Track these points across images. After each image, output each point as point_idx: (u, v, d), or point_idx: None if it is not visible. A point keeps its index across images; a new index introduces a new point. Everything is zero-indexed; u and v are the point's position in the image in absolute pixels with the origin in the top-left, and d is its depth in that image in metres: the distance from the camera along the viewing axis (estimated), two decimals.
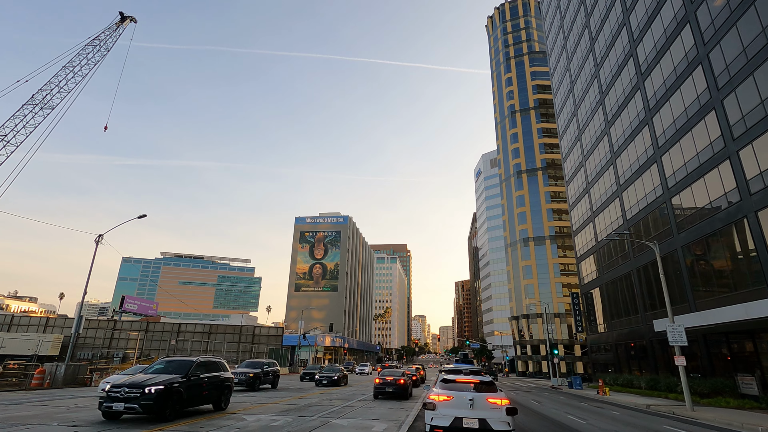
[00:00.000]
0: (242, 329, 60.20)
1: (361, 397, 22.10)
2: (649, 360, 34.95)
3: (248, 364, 24.76)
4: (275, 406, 16.59)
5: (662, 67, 32.71)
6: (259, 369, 24.19)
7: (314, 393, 22.59)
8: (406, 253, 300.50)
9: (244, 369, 23.90)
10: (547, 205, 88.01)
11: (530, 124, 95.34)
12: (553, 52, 63.46)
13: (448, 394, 9.94)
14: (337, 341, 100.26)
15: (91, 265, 25.72)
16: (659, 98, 33.18)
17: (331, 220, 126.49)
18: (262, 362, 25.03)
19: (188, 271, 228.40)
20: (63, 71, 45.50)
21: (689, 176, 29.15)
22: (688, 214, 29.45)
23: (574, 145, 53.96)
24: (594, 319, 47.77)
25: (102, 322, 59.62)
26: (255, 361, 25.13)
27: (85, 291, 25.19)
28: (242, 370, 23.68)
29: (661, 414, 20.26)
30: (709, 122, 27.08)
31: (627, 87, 38.73)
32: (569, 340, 74.80)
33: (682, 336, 21.31)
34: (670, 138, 31.65)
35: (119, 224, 26.02)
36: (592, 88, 47.30)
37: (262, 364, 24.79)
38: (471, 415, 9.46)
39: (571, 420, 16.23)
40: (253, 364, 24.58)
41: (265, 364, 24.91)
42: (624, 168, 39.57)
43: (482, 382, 10.46)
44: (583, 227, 50.64)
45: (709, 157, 26.89)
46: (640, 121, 36.20)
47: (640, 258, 36.34)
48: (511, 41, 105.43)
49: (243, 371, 23.38)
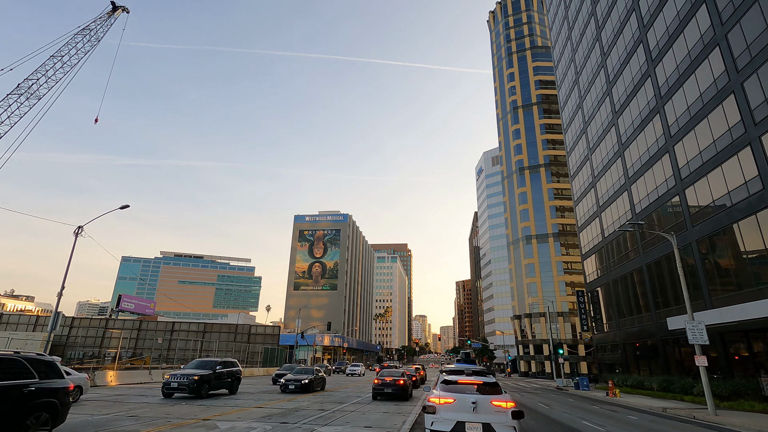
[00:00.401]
0: (237, 328, 58.72)
1: (356, 399, 20.54)
2: (660, 360, 33.31)
3: (197, 363, 20.11)
4: (228, 416, 14.71)
5: (675, 52, 31.07)
6: (208, 370, 19.44)
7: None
8: (407, 252, 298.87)
9: (188, 370, 19.14)
10: (550, 202, 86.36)
11: (533, 120, 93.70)
12: (557, 43, 61.82)
13: (450, 397, 9.28)
14: (336, 341, 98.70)
15: (69, 257, 24.21)
16: (671, 85, 31.54)
17: (330, 218, 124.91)
18: (214, 361, 20.34)
19: (188, 270, 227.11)
20: (51, 61, 43.98)
21: (705, 165, 27.52)
22: (703, 206, 27.82)
23: (579, 138, 52.32)
24: (600, 318, 46.14)
25: (94, 320, 58.15)
26: (206, 360, 20.52)
27: (62, 286, 23.69)
28: (186, 371, 18.99)
29: (681, 419, 18.65)
30: (727, 107, 25.44)
31: (636, 75, 37.09)
32: (573, 340, 73.15)
33: (703, 334, 19.68)
34: (683, 126, 30.01)
35: (100, 215, 24.53)
36: (599, 78, 45.66)
37: (214, 364, 20.06)
38: (474, 419, 8.82)
39: (588, 427, 14.64)
40: (203, 364, 19.93)
41: (218, 364, 20.22)
42: (633, 160, 37.93)
43: (486, 383, 9.78)
44: (588, 223, 49.01)
45: (728, 144, 25.25)
46: (651, 110, 34.55)
47: (650, 253, 34.70)
48: (513, 36, 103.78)
49: (186, 373, 18.63)
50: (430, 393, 10.09)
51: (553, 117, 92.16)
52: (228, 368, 20.99)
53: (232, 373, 21.23)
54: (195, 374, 18.50)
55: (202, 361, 20.21)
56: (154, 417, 12.65)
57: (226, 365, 20.95)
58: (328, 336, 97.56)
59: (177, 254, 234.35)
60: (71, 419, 11.48)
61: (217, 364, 20.06)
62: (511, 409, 8.90)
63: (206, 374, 18.99)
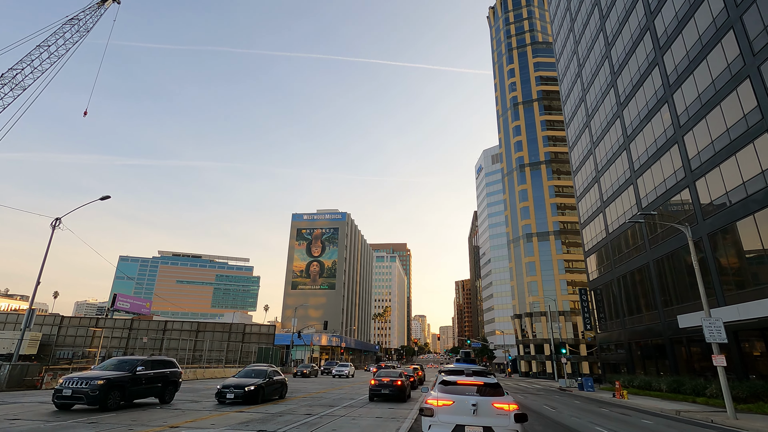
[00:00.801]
0: (231, 327, 57.35)
1: (347, 403, 19.16)
2: (669, 360, 31.97)
3: (111, 363, 15.29)
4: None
5: (684, 38, 29.73)
6: (123, 372, 14.57)
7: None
8: (406, 252, 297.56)
9: (95, 372, 14.52)
10: (551, 200, 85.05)
11: (533, 117, 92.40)
12: (558, 35, 60.47)
13: (448, 399, 8.72)
14: (333, 340, 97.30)
15: (46, 250, 22.84)
16: (681, 72, 30.20)
17: (328, 217, 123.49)
18: (135, 360, 15.42)
19: (186, 270, 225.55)
20: (37, 50, 42.57)
21: (717, 155, 26.17)
22: (715, 198, 26.48)
23: (582, 133, 50.97)
24: (604, 317, 44.80)
25: (84, 320, 56.77)
26: (125, 358, 15.78)
27: (38, 281, 22.28)
28: (91, 373, 14.23)
29: (698, 423, 17.30)
30: (742, 93, 24.09)
31: (643, 64, 35.74)
32: (574, 339, 71.85)
33: (721, 332, 18.34)
34: (694, 115, 28.66)
35: (79, 206, 23.18)
36: (603, 69, 44.32)
37: (135, 364, 15.14)
38: (474, 422, 8.32)
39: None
40: (121, 365, 15.01)
41: (141, 363, 15.29)
42: (639, 152, 36.58)
43: (487, 384, 9.25)
44: (591, 219, 47.67)
45: (743, 132, 23.90)
46: (659, 99, 33.21)
47: (657, 249, 33.34)
48: (514, 32, 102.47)
49: (88, 376, 13.68)
50: (428, 394, 9.48)
51: (553, 113, 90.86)
52: (157, 369, 16.08)
53: (163, 376, 16.18)
54: (101, 377, 13.58)
55: (118, 360, 15.46)
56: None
57: (156, 365, 16.13)
58: (326, 336, 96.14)
59: (175, 254, 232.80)
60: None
61: (138, 364, 15.18)
62: (513, 411, 8.37)
63: (119, 377, 14.12)
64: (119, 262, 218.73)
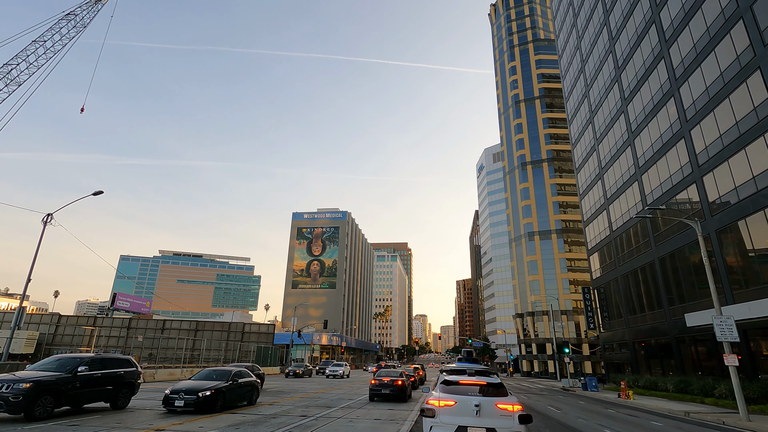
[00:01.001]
0: (231, 326, 56.79)
1: (347, 402, 18.56)
2: (675, 359, 31.31)
3: (54, 362, 12.85)
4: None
5: (692, 30, 29.04)
6: (59, 372, 12.20)
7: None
8: (407, 251, 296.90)
9: (22, 373, 11.94)
10: (554, 198, 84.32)
11: (535, 114, 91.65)
12: (561, 31, 59.76)
13: (450, 399, 8.47)
14: (334, 340, 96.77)
15: (37, 246, 22.29)
16: (687, 65, 29.51)
17: (329, 216, 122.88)
18: (77, 359, 12.97)
19: (187, 269, 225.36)
20: (33, 46, 42.09)
21: (726, 149, 25.50)
22: (723, 194, 25.80)
23: (585, 129, 50.28)
24: (608, 316, 44.14)
25: (81, 318, 56.28)
26: (66, 356, 13.23)
27: (28, 278, 21.72)
28: (16, 375, 11.64)
29: (710, 424, 16.66)
30: (752, 85, 23.41)
31: (648, 57, 35.05)
32: (577, 339, 71.18)
33: (733, 330, 17.68)
34: (701, 109, 27.98)
35: (70, 202, 22.64)
36: (606, 64, 43.63)
37: (76, 363, 12.69)
38: (477, 423, 8.10)
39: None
40: (61, 364, 12.66)
41: (83, 363, 12.81)
42: (644, 147, 35.89)
43: (490, 384, 9.00)
44: (595, 216, 46.99)
45: (753, 124, 23.22)
46: (665, 93, 32.52)
47: (663, 246, 32.66)
48: (515, 29, 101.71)
49: (13, 378, 11.28)
50: (429, 394, 9.20)
51: (555, 111, 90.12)
52: (108, 369, 13.69)
53: (114, 377, 13.79)
54: (28, 379, 11.23)
55: (57, 358, 13.09)
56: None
57: (107, 364, 13.73)
58: (326, 335, 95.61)
59: (176, 253, 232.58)
60: None
61: (81, 363, 12.73)
62: (518, 412, 8.13)
63: (53, 379, 11.72)
64: (120, 262, 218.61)
